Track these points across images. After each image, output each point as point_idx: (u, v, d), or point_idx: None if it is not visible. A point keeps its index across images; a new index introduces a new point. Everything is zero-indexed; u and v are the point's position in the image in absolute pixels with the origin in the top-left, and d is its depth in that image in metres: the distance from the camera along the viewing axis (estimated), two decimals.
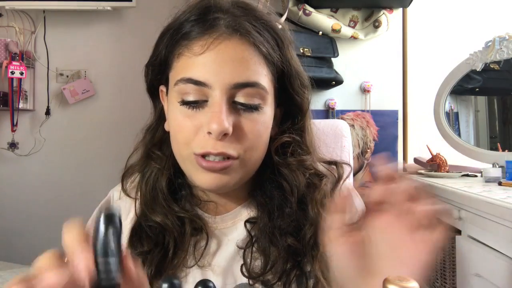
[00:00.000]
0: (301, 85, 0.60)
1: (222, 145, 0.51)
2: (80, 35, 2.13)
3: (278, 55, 0.56)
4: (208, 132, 0.51)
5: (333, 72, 1.65)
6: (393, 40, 1.76)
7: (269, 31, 0.56)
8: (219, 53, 0.52)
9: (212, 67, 0.51)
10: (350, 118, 1.73)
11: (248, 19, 0.54)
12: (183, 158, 0.56)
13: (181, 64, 0.54)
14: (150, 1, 2.10)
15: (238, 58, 0.52)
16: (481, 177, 1.33)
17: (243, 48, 0.53)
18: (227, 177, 0.54)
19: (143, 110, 0.70)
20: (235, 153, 0.52)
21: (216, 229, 0.61)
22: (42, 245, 1.83)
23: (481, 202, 0.96)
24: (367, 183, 1.74)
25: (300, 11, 1.64)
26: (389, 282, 0.36)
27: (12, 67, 1.94)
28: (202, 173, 0.54)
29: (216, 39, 0.52)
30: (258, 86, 0.53)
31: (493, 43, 1.41)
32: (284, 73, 0.58)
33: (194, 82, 0.52)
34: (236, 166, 0.54)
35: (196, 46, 0.52)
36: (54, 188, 2.12)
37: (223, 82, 0.51)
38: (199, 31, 0.53)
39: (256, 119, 0.54)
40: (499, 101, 1.70)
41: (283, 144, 0.60)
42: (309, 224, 0.58)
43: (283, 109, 0.62)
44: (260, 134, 0.55)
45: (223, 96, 0.51)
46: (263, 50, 0.54)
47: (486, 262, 0.98)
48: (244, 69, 0.52)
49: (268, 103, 0.56)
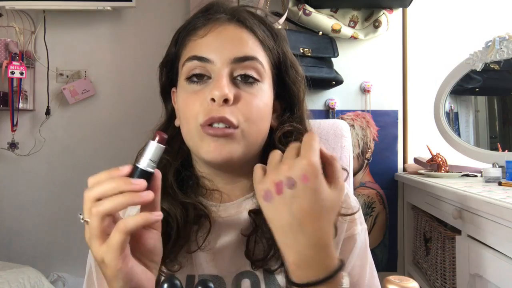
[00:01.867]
0: (296, 74, 0.65)
1: (224, 111, 0.56)
2: (80, 35, 2.13)
3: (273, 44, 0.63)
4: (211, 99, 0.56)
5: (333, 72, 1.65)
6: (393, 40, 1.76)
7: (265, 26, 0.64)
8: (220, 33, 0.59)
9: (214, 45, 0.59)
10: (350, 118, 1.74)
11: (246, 14, 0.62)
12: (191, 134, 0.59)
13: (188, 48, 0.61)
14: (150, 1, 2.11)
15: (237, 38, 0.60)
16: (481, 177, 1.33)
17: (241, 31, 0.60)
18: (229, 146, 0.57)
19: (143, 110, 0.71)
20: (235, 120, 0.57)
21: (219, 217, 0.63)
22: (42, 245, 1.84)
23: (481, 202, 0.96)
24: (367, 183, 1.74)
25: (300, 11, 1.64)
26: (389, 282, 0.36)
27: (12, 67, 1.93)
28: (208, 142, 0.57)
29: (216, 23, 0.60)
30: (256, 61, 0.59)
31: (493, 43, 1.41)
32: (280, 61, 0.64)
33: (198, 58, 0.58)
34: (238, 136, 0.57)
35: (200, 31, 0.60)
36: (54, 188, 2.12)
37: (224, 57, 0.58)
38: (203, 21, 0.61)
39: (255, 93, 0.59)
40: (499, 101, 1.70)
41: (286, 134, 0.64)
42: None
43: (282, 103, 0.66)
44: (259, 108, 0.59)
45: (224, 69, 0.57)
46: (259, 35, 0.61)
47: (486, 262, 0.98)
48: (243, 46, 0.59)
49: (266, 81, 0.61)
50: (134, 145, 0.66)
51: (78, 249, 2.03)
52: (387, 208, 1.75)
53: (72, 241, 2.07)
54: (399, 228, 1.75)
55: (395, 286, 0.35)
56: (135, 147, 0.73)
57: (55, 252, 2.10)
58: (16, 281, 1.53)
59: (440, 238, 1.28)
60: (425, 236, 1.47)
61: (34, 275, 1.65)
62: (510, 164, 1.21)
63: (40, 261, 2.00)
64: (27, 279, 1.58)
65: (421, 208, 1.51)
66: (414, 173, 1.62)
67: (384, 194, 1.75)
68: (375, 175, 1.75)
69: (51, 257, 2.10)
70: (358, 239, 0.64)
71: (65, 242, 2.09)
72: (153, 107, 0.77)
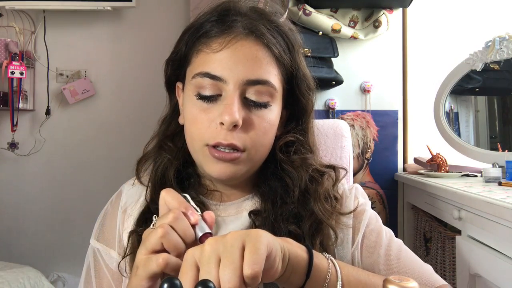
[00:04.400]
0: (307, 88, 0.65)
1: (232, 137, 0.56)
2: (80, 35, 2.13)
3: (288, 58, 0.62)
4: (220, 123, 0.56)
5: (333, 72, 1.65)
6: (393, 40, 1.76)
7: (282, 35, 0.62)
8: (235, 51, 0.57)
9: (228, 64, 0.57)
10: (350, 118, 1.74)
11: (263, 23, 0.60)
12: (196, 150, 0.60)
13: (200, 59, 0.59)
14: (150, 1, 2.10)
15: (252, 57, 0.57)
16: (481, 177, 1.33)
17: (257, 48, 0.58)
18: (235, 167, 0.58)
19: (143, 110, 0.71)
20: (242, 145, 0.57)
21: (219, 216, 0.63)
22: (42, 245, 1.84)
23: (481, 202, 0.96)
24: (367, 183, 1.74)
25: (300, 11, 1.64)
26: (389, 282, 0.36)
27: (12, 67, 1.93)
28: (213, 163, 0.58)
29: (233, 38, 0.58)
30: (268, 84, 0.58)
31: (493, 43, 1.41)
32: (293, 75, 0.63)
33: (210, 76, 0.57)
34: (244, 159, 0.58)
35: (214, 44, 0.58)
36: (54, 188, 2.12)
37: (237, 77, 0.56)
38: (218, 31, 0.59)
39: (264, 116, 0.59)
40: (499, 101, 1.70)
41: (287, 143, 0.65)
42: (309, 214, 0.61)
43: (289, 110, 0.67)
44: (266, 131, 0.60)
45: (236, 91, 0.56)
46: (275, 51, 0.59)
47: (486, 262, 0.98)
48: (257, 67, 0.57)
49: (277, 102, 0.61)
50: (134, 145, 0.67)
51: (78, 249, 2.02)
52: (387, 208, 1.75)
53: (72, 241, 2.07)
54: (399, 228, 1.75)
55: (395, 286, 0.35)
56: (135, 147, 0.74)
57: (55, 252, 2.10)
58: (16, 281, 1.53)
59: (440, 238, 1.28)
60: (425, 236, 1.47)
61: (34, 275, 1.64)
62: (510, 164, 1.20)
63: (40, 261, 2.00)
64: (27, 279, 1.58)
65: (421, 208, 1.51)
66: (414, 173, 1.61)
67: (384, 194, 1.75)
68: (375, 175, 1.75)
69: (51, 257, 2.09)
70: (367, 210, 0.67)
71: (65, 242, 2.09)
72: (153, 107, 0.77)
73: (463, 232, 1.12)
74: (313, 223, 0.61)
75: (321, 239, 0.60)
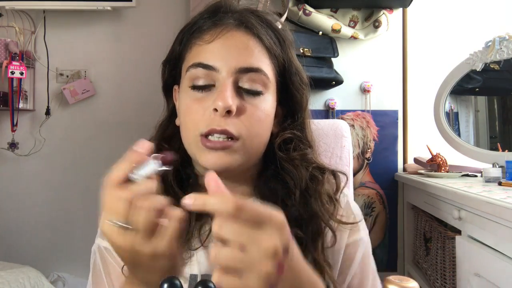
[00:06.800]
0: (301, 82, 0.65)
1: (226, 123, 0.56)
2: (80, 35, 2.13)
3: (279, 50, 0.62)
4: (214, 109, 0.56)
5: (333, 72, 1.65)
6: (393, 40, 1.76)
7: (272, 30, 0.63)
8: (226, 40, 0.58)
9: (220, 53, 0.58)
10: (350, 118, 1.74)
11: (254, 17, 0.62)
12: (190, 142, 0.60)
13: (193, 52, 0.60)
14: (150, 1, 2.10)
15: (243, 46, 0.59)
16: (481, 177, 1.33)
17: (248, 38, 0.60)
18: (229, 157, 0.58)
19: (143, 110, 0.71)
20: (236, 132, 0.57)
21: None
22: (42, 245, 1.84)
23: (481, 202, 0.96)
24: (367, 183, 1.74)
25: (300, 11, 1.64)
26: (389, 282, 0.36)
27: (12, 67, 1.93)
28: (206, 153, 0.58)
29: (224, 29, 0.59)
30: (261, 72, 0.59)
31: (493, 43, 1.41)
32: (285, 68, 0.63)
33: (203, 66, 0.58)
34: (238, 147, 0.57)
35: (206, 35, 0.60)
36: (54, 188, 2.12)
37: (229, 66, 0.57)
38: (210, 24, 0.60)
39: (258, 104, 0.59)
40: (499, 101, 1.70)
41: (286, 141, 0.64)
42: (310, 215, 0.61)
43: (285, 109, 0.66)
44: (261, 119, 0.59)
45: (229, 78, 0.57)
46: (266, 42, 0.60)
47: (486, 262, 0.98)
48: (248, 55, 0.58)
49: (270, 91, 0.61)
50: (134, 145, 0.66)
51: (78, 249, 2.03)
52: (387, 208, 1.75)
53: (72, 241, 2.07)
54: (399, 228, 1.75)
55: (395, 286, 0.35)
56: None
57: (55, 252, 2.10)
58: (16, 281, 1.53)
59: (440, 238, 1.28)
60: (425, 236, 1.47)
61: (34, 275, 1.64)
62: (510, 164, 1.20)
63: (40, 261, 2.00)
64: (27, 279, 1.58)
65: (421, 208, 1.51)
66: (414, 173, 1.62)
67: (384, 194, 1.75)
68: (375, 175, 1.75)
69: (51, 257, 2.09)
70: (361, 244, 0.64)
71: (65, 242, 2.09)
72: (153, 107, 0.77)
73: (463, 232, 1.12)
74: (314, 225, 0.60)
75: (322, 241, 0.60)
